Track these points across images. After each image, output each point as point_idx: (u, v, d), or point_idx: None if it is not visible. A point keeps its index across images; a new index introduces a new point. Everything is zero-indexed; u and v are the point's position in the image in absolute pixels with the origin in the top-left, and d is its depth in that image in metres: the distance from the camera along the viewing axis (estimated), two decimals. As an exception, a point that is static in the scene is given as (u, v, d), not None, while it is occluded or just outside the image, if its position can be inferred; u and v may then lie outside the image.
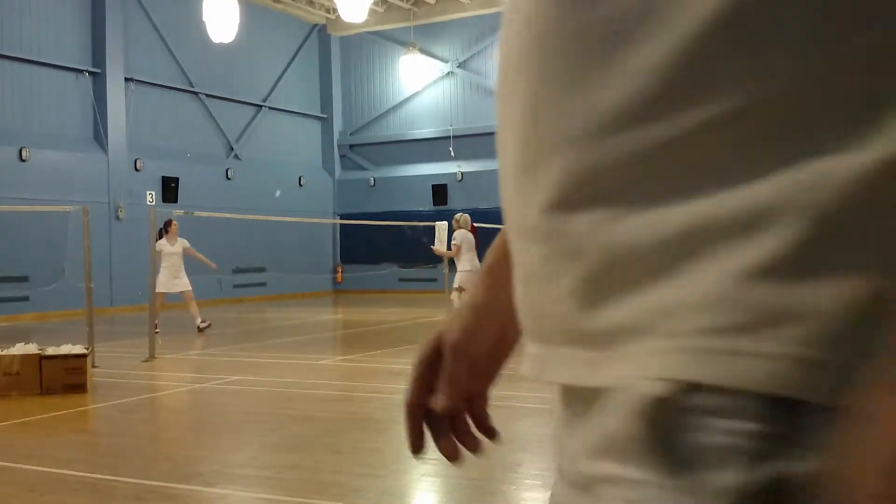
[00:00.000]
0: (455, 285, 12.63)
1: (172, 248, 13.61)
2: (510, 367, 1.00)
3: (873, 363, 0.46)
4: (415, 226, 18.90)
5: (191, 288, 13.90)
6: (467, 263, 12.53)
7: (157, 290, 12.59)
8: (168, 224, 13.70)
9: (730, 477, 0.49)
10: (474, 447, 1.11)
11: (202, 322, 13.87)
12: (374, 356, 10.72)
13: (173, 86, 21.78)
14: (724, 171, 0.52)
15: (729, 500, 0.49)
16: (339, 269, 26.49)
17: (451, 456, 1.07)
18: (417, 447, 1.09)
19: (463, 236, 12.76)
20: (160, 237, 13.30)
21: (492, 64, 25.18)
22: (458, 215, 13.31)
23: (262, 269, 23.47)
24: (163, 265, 13.36)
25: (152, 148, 20.96)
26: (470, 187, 25.15)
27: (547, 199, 0.60)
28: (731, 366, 0.49)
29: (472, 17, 25.20)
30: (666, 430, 0.51)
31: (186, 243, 13.92)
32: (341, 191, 27.08)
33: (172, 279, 13.56)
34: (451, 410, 1.03)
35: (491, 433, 1.11)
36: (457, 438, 1.08)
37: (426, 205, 25.46)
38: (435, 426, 1.06)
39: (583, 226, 0.58)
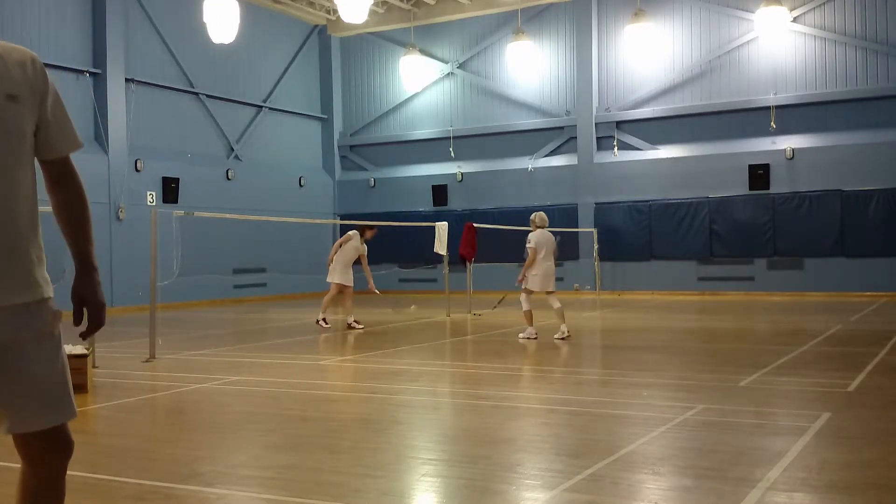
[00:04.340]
0: (524, 286, 11.95)
1: (363, 247, 14.48)
2: (513, 369, 1.01)
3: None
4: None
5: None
6: (538, 267, 11.84)
7: (337, 282, 14.11)
8: (369, 228, 14.69)
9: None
10: None
11: (325, 323, 14.27)
12: (374, 356, 10.72)
13: (174, 86, 21.79)
14: None
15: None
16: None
17: None
18: None
19: (538, 236, 11.96)
20: (355, 236, 14.31)
21: (492, 65, 25.18)
22: (533, 215, 12.34)
23: (262, 270, 23.47)
24: (346, 259, 14.22)
25: (153, 148, 20.96)
26: (470, 188, 25.15)
27: None
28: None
29: (471, 18, 25.20)
30: None
31: None
32: (341, 191, 27.08)
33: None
34: None
35: None
36: None
37: (426, 205, 25.46)
38: None
39: None
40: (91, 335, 2.71)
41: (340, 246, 14.25)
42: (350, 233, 14.35)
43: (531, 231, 12.26)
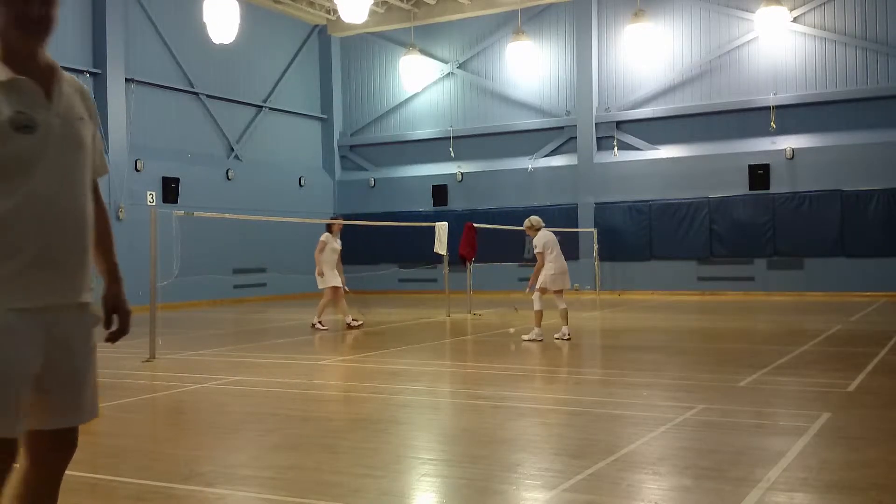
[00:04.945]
0: (538, 286, 11.87)
1: (338, 245, 14.49)
2: (513, 369, 1.01)
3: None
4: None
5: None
6: (551, 266, 11.79)
7: (329, 286, 14.01)
8: (336, 219, 14.73)
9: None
10: None
11: (321, 325, 14.24)
12: (374, 356, 10.72)
13: (174, 86, 21.79)
14: None
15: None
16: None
17: None
18: None
19: (543, 238, 11.91)
20: (329, 238, 14.32)
21: (492, 65, 25.18)
22: (528, 221, 12.17)
23: (262, 270, 23.47)
24: (329, 261, 14.23)
25: (153, 148, 20.96)
26: (470, 188, 25.15)
27: None
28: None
29: (471, 18, 25.20)
30: None
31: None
32: (341, 191, 27.08)
33: (336, 274, 14.35)
34: None
35: None
36: None
37: (426, 205, 25.46)
38: None
39: None
40: (118, 340, 2.94)
41: (321, 252, 14.27)
42: (322, 238, 14.35)
43: (528, 237, 12.18)
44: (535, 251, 11.94)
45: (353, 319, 14.35)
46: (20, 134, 2.51)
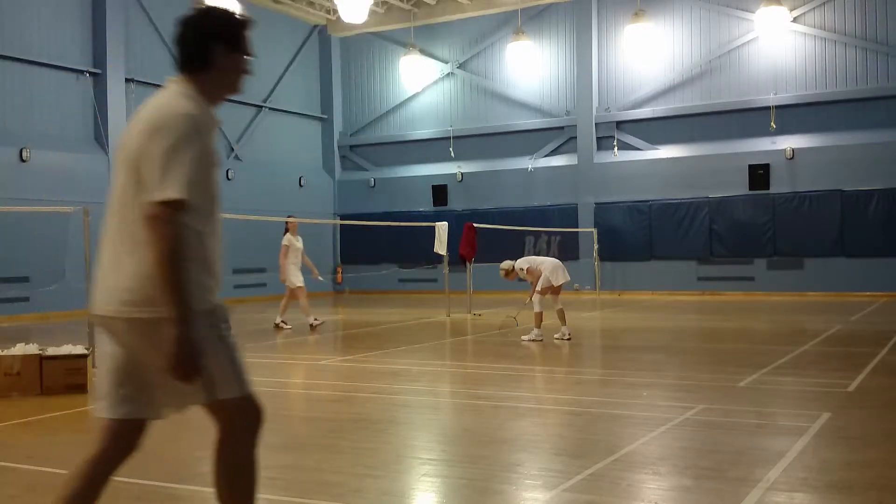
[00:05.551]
0: (540, 287, 11.97)
1: (300, 244, 14.59)
2: (513, 369, 1.01)
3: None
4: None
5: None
6: (546, 267, 12.00)
7: (300, 286, 14.17)
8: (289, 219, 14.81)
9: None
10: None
11: (315, 320, 14.33)
12: (374, 356, 10.72)
13: (174, 86, 21.76)
14: None
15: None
16: (340, 270, 26.50)
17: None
18: None
19: (522, 263, 12.24)
20: (291, 240, 14.47)
21: (491, 65, 25.18)
22: (501, 272, 12.42)
23: (262, 270, 23.46)
24: (293, 262, 14.40)
25: (153, 148, 20.94)
26: (470, 188, 25.15)
27: None
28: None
29: (471, 18, 25.20)
30: None
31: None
32: (341, 191, 27.08)
33: (300, 273, 14.48)
34: None
35: None
36: None
37: (426, 205, 25.46)
38: None
39: None
40: None
41: (286, 256, 14.41)
42: (284, 242, 14.49)
43: (511, 274, 12.30)
44: (526, 273, 12.14)
45: (282, 322, 14.59)
46: (217, 169, 3.15)
